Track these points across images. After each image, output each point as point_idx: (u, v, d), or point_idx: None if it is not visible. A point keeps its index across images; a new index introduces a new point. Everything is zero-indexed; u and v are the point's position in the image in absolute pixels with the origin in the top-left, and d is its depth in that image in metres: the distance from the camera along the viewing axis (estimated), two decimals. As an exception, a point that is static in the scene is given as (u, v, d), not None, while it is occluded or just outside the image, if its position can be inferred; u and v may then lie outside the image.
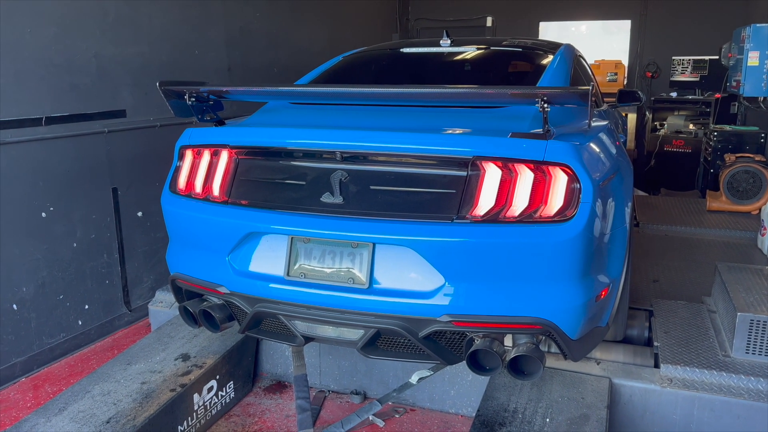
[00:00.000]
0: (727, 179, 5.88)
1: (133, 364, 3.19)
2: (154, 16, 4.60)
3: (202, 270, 2.69)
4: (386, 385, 3.39)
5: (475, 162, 2.29)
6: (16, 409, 3.41)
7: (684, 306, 3.47)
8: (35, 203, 3.77)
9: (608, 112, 3.82)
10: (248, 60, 5.84)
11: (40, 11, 3.71)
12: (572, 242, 2.22)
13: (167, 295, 3.93)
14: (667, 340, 3.08)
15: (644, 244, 4.82)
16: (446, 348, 2.44)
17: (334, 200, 2.40)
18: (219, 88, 2.69)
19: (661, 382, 2.82)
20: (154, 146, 4.53)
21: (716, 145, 6.61)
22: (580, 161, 2.25)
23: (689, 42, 9.47)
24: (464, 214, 2.27)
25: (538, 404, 2.75)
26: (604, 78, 8.95)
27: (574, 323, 2.34)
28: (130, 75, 4.40)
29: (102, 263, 4.27)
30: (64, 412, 2.76)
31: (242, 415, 3.35)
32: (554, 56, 3.34)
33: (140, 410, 2.79)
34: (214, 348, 3.35)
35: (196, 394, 3.08)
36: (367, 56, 3.78)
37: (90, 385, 2.98)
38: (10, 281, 3.66)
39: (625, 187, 2.79)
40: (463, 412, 3.27)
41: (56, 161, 3.88)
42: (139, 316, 4.55)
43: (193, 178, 2.73)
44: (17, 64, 3.60)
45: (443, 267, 2.29)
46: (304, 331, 2.55)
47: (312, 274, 2.45)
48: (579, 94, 2.20)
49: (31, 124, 3.70)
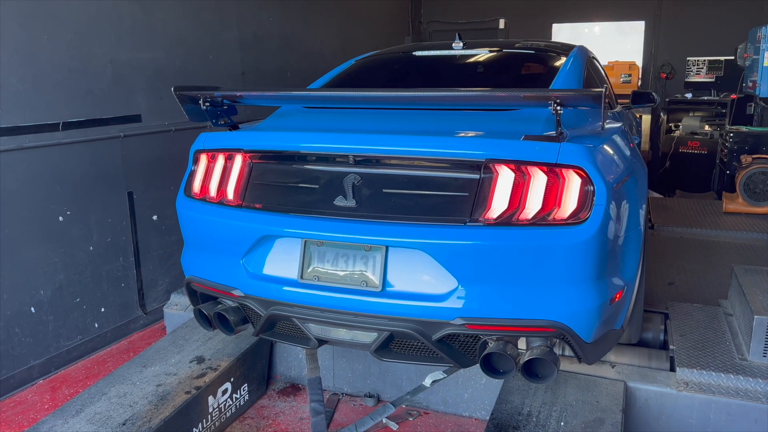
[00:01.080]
0: (743, 181, 5.82)
1: (148, 367, 3.22)
2: (169, 22, 4.65)
3: (216, 273, 2.71)
4: (400, 388, 3.39)
5: (488, 165, 2.28)
6: (34, 411, 3.45)
7: (700, 309, 3.44)
8: (52, 207, 3.82)
9: (622, 114, 3.80)
10: (261, 64, 5.88)
11: (56, 18, 3.77)
12: (586, 245, 2.21)
13: (182, 298, 3.96)
14: (683, 343, 3.05)
15: (659, 247, 4.78)
16: (460, 351, 2.44)
17: (347, 203, 2.41)
18: (233, 92, 2.71)
19: (677, 386, 2.80)
20: (168, 150, 4.57)
21: (732, 147, 6.54)
22: (593, 163, 2.24)
23: (704, 42, 9.39)
24: (477, 217, 2.26)
25: (552, 408, 2.74)
26: (618, 79, 8.90)
27: (589, 326, 2.32)
28: (145, 80, 4.45)
29: (118, 266, 4.31)
30: (81, 414, 2.79)
31: (256, 418, 3.37)
32: (567, 58, 3.33)
33: (156, 412, 2.81)
34: (228, 351, 3.37)
35: (211, 396, 3.10)
36: (380, 60, 3.79)
37: (106, 388, 3.01)
38: (28, 284, 3.71)
39: (639, 189, 2.77)
40: (477, 415, 3.26)
41: (73, 166, 3.93)
42: (154, 318, 4.59)
43: (208, 182, 2.75)
44: (34, 69, 3.66)
45: (456, 270, 2.28)
46: (317, 334, 2.56)
47: (325, 277, 2.46)
48: (592, 97, 2.20)
49: (48, 129, 3.75)
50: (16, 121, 3.56)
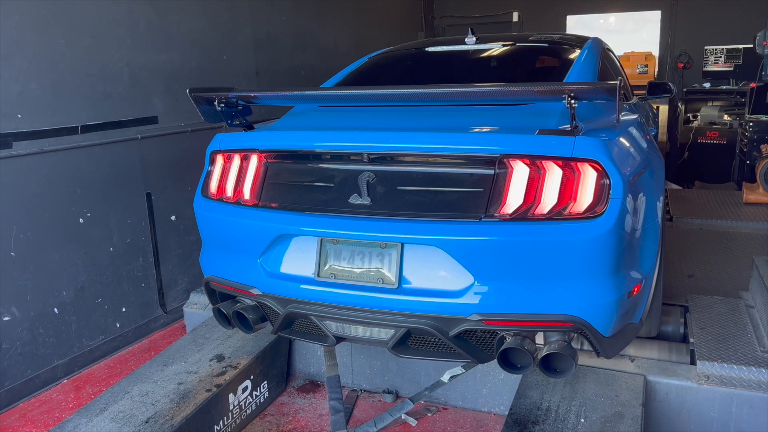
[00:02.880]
0: (764, 170, 5.73)
1: (169, 365, 3.26)
2: (183, 24, 4.69)
3: (234, 272, 2.74)
4: (418, 384, 3.40)
5: (503, 160, 2.28)
6: (59, 410, 3.51)
7: (720, 301, 3.40)
8: (73, 209, 3.88)
9: (638, 105, 3.76)
10: (275, 63, 5.91)
11: (74, 23, 3.82)
12: (603, 239, 2.20)
13: (201, 297, 3.99)
14: (703, 336, 3.02)
15: (679, 239, 4.73)
16: (477, 346, 2.44)
17: (362, 201, 2.42)
18: (247, 93, 2.73)
19: (698, 379, 2.77)
20: (185, 151, 4.62)
21: (752, 136, 6.44)
22: (609, 156, 2.22)
23: (722, 31, 9.24)
24: (492, 213, 2.26)
25: (571, 402, 2.73)
26: (634, 70, 8.80)
27: (607, 320, 2.31)
28: (161, 82, 4.49)
29: (138, 267, 4.37)
30: (104, 413, 2.84)
31: (276, 415, 3.40)
32: (581, 50, 3.30)
33: (177, 410, 2.85)
34: (247, 348, 3.40)
35: (231, 394, 3.14)
36: (393, 56, 3.79)
37: (129, 386, 3.06)
38: (51, 286, 3.78)
39: (656, 181, 2.75)
40: (496, 410, 3.26)
41: (92, 168, 3.99)
42: (174, 318, 4.65)
43: (224, 182, 2.77)
44: (53, 74, 3.71)
45: (472, 266, 2.29)
46: (335, 331, 2.58)
47: (342, 274, 2.47)
48: (606, 89, 2.18)
49: (67, 133, 3.81)
50: (36, 126, 3.62)
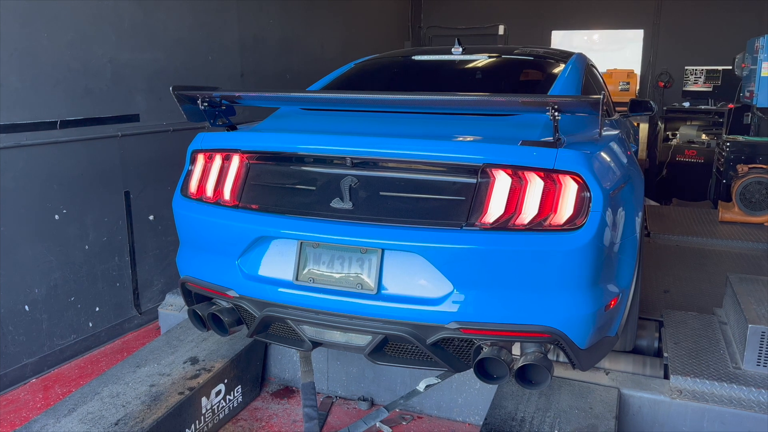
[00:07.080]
0: (739, 190, 5.84)
1: (142, 367, 3.21)
2: (169, 22, 4.66)
3: (211, 273, 2.70)
4: (394, 392, 3.38)
5: (485, 169, 2.29)
6: (26, 410, 3.43)
7: (695, 317, 3.45)
8: (48, 206, 3.82)
9: (620, 122, 3.81)
10: (261, 66, 5.89)
11: (57, 17, 3.77)
12: (581, 251, 2.22)
13: (177, 299, 3.95)
14: (677, 351, 3.06)
15: (655, 255, 4.79)
16: (454, 355, 2.44)
17: (344, 206, 2.41)
18: (231, 93, 2.72)
19: (671, 394, 2.80)
20: (166, 150, 4.57)
21: (729, 156, 6.57)
22: (590, 170, 2.24)
23: (702, 52, 9.43)
24: (473, 221, 2.27)
25: (546, 414, 2.74)
26: (617, 87, 8.93)
27: (583, 332, 2.33)
28: (144, 80, 4.45)
29: (113, 266, 4.31)
30: (73, 414, 2.78)
31: (250, 420, 3.36)
32: (566, 65, 3.34)
33: (148, 413, 2.80)
34: (222, 352, 3.36)
35: (204, 397, 3.10)
36: (379, 63, 3.80)
37: (99, 387, 3.00)
38: (23, 282, 3.70)
39: (635, 196, 2.78)
40: (471, 420, 3.26)
41: (70, 164, 3.93)
42: (148, 319, 4.58)
43: (205, 182, 2.75)
44: (34, 68, 3.66)
45: (452, 274, 2.29)
46: (312, 336, 2.56)
47: (321, 279, 2.45)
48: (590, 103, 2.20)
49: (46, 128, 3.74)
50: (15, 119, 3.56)
